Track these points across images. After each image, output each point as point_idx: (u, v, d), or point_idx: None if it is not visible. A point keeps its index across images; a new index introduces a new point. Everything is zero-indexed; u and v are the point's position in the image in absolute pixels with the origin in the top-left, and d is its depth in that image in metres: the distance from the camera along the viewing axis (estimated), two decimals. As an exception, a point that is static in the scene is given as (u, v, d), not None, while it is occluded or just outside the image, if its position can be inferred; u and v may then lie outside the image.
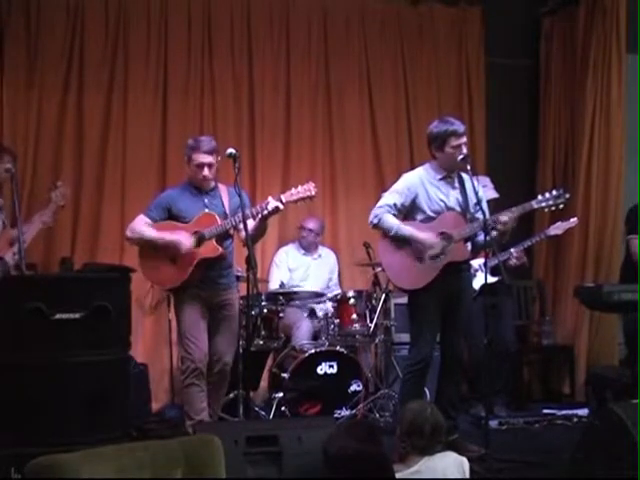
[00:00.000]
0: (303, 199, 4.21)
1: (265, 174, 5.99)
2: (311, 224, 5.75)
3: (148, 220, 4.28)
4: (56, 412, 3.41)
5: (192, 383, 4.19)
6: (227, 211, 4.29)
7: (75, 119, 5.63)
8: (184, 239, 4.19)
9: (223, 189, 4.39)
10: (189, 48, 5.87)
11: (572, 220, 5.33)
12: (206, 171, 4.26)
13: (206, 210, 4.28)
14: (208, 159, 4.24)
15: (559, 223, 5.35)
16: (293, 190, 4.19)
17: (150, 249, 4.27)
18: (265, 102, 6.02)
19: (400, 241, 4.26)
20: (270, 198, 4.16)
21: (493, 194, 5.27)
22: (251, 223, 4.18)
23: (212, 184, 4.37)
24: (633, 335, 4.55)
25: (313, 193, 4.20)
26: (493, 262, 4.81)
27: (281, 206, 4.12)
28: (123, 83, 5.71)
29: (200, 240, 4.20)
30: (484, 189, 5.20)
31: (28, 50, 5.53)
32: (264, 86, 6.02)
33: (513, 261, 5.24)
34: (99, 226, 5.60)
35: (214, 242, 4.20)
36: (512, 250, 5.22)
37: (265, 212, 4.12)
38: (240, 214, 4.03)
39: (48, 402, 3.40)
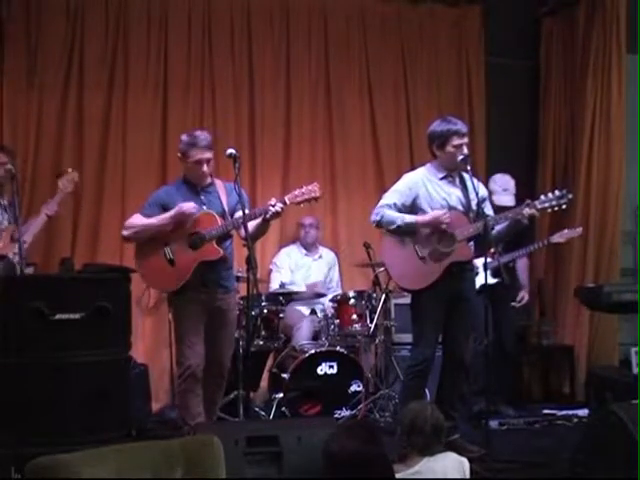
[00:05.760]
0: (308, 200, 4.07)
1: (265, 174, 5.99)
2: (308, 219, 5.79)
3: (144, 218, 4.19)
4: (56, 412, 3.40)
5: (188, 389, 4.09)
6: (225, 208, 4.18)
7: (75, 119, 5.64)
8: (185, 204, 4.05)
9: (220, 185, 4.28)
10: (189, 47, 5.88)
11: (578, 229, 5.40)
12: (205, 167, 4.14)
13: (204, 208, 4.15)
14: (207, 155, 4.13)
15: (566, 231, 5.37)
16: (297, 191, 4.07)
17: (147, 248, 4.14)
18: (265, 101, 6.03)
19: (404, 238, 4.22)
20: (274, 199, 4.04)
21: (507, 201, 5.25)
22: (252, 223, 4.10)
23: (208, 180, 4.25)
24: None
25: (318, 194, 4.07)
26: (494, 264, 4.82)
27: (283, 208, 4.02)
28: (123, 83, 5.72)
29: (200, 241, 4.09)
30: (503, 192, 5.24)
31: (28, 50, 5.54)
32: (264, 85, 6.03)
33: (516, 304, 5.53)
34: (99, 226, 5.60)
35: (214, 244, 4.09)
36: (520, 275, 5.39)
37: (268, 216, 4.01)
38: (241, 215, 3.95)
39: (48, 402, 3.40)
